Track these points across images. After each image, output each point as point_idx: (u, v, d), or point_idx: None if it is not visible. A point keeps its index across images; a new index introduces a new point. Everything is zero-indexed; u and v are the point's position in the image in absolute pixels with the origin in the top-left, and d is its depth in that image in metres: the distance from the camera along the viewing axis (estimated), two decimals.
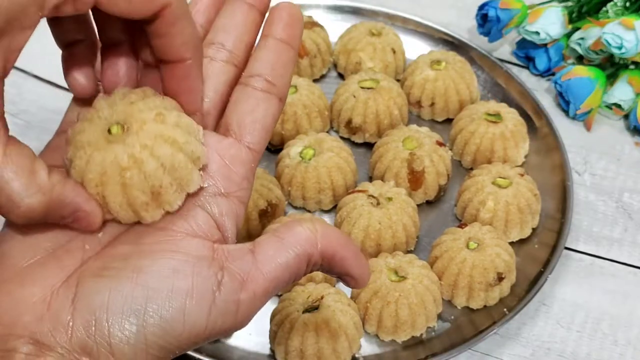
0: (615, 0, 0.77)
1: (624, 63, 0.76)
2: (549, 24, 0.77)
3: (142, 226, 0.35)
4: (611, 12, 0.76)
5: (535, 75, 0.81)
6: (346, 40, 0.77)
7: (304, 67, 0.76)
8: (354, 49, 0.76)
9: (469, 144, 0.69)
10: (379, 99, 0.70)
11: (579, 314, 0.62)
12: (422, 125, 0.71)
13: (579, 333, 0.61)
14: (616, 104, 0.75)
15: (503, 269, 0.60)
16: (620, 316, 0.62)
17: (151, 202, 0.34)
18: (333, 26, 0.80)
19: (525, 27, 0.78)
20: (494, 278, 0.59)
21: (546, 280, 0.61)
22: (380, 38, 0.76)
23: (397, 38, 0.77)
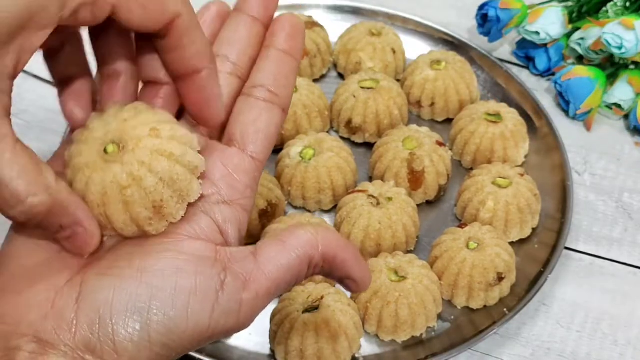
0: (615, 0, 0.77)
1: (624, 63, 0.76)
2: (549, 24, 0.77)
3: None
4: (611, 12, 0.76)
5: (535, 75, 0.81)
6: (346, 40, 0.77)
7: (304, 67, 0.76)
8: (354, 49, 0.76)
9: (469, 144, 0.69)
10: (379, 99, 0.70)
11: (579, 314, 0.62)
12: (422, 125, 0.71)
13: (579, 333, 0.61)
14: (616, 104, 0.75)
15: (503, 269, 0.60)
16: (620, 316, 0.62)
17: (154, 216, 0.34)
18: (333, 26, 0.80)
19: (525, 27, 0.78)
20: (494, 278, 0.59)
21: (546, 280, 0.61)
22: (380, 38, 0.76)
23: (397, 38, 0.77)
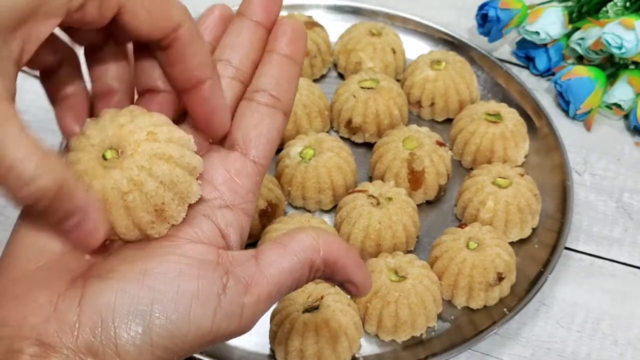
0: (615, 0, 0.77)
1: (624, 63, 0.76)
2: (549, 24, 0.77)
3: None
4: (611, 12, 0.76)
5: (535, 75, 0.81)
6: (346, 40, 0.77)
7: (304, 67, 0.76)
8: (354, 49, 0.76)
9: (469, 144, 0.69)
10: (379, 99, 0.70)
11: (579, 314, 0.62)
12: (422, 125, 0.71)
13: (579, 333, 0.61)
14: (616, 104, 0.75)
15: (503, 269, 0.60)
16: (620, 316, 0.62)
17: (156, 219, 0.35)
18: (333, 26, 0.80)
19: (525, 27, 0.78)
20: (494, 278, 0.59)
21: (546, 280, 0.61)
22: (380, 38, 0.76)
23: (397, 38, 0.77)
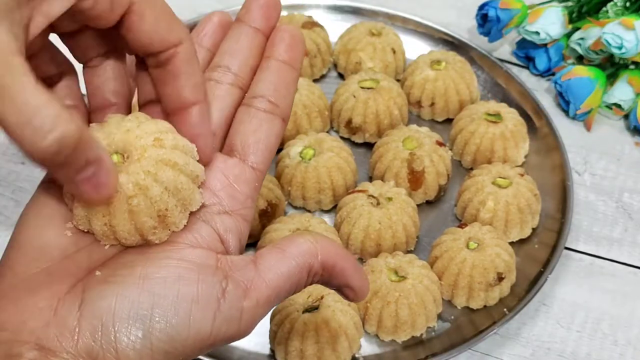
0: (615, 0, 0.77)
1: (624, 63, 0.76)
2: (549, 24, 0.77)
3: None
4: (611, 12, 0.76)
5: (535, 75, 0.80)
6: (346, 40, 0.77)
7: (304, 67, 0.76)
8: (354, 49, 0.76)
9: (469, 144, 0.69)
10: (379, 99, 0.70)
11: (579, 314, 0.62)
12: (422, 125, 0.71)
13: (579, 333, 0.61)
14: (616, 104, 0.75)
15: (503, 269, 0.60)
16: (620, 316, 0.62)
17: (158, 225, 0.35)
18: (333, 26, 0.80)
19: (525, 27, 0.78)
20: (494, 278, 0.59)
21: (546, 280, 0.61)
22: (380, 38, 0.76)
23: (397, 38, 0.77)
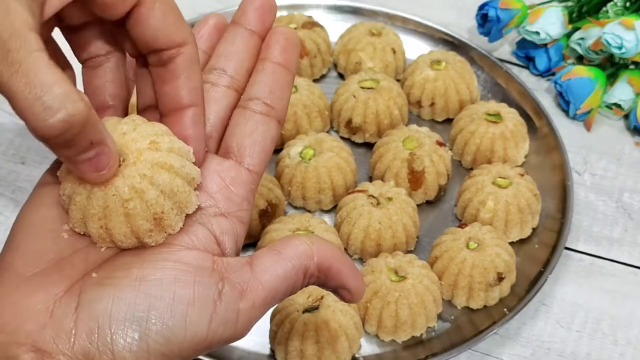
0: (615, 0, 0.77)
1: (624, 63, 0.76)
2: (549, 24, 0.77)
3: None
4: (611, 12, 0.76)
5: (535, 75, 0.80)
6: (346, 40, 0.77)
7: (304, 67, 0.76)
8: (354, 49, 0.76)
9: (469, 144, 0.69)
10: (379, 99, 0.70)
11: (579, 314, 0.62)
12: (422, 125, 0.71)
13: (579, 333, 0.61)
14: (616, 104, 0.75)
15: (503, 269, 0.60)
16: (620, 316, 0.62)
17: (154, 228, 0.35)
18: (333, 26, 0.80)
19: (525, 27, 0.78)
20: (494, 278, 0.59)
21: (546, 280, 0.61)
22: (380, 38, 0.76)
23: (397, 38, 0.77)
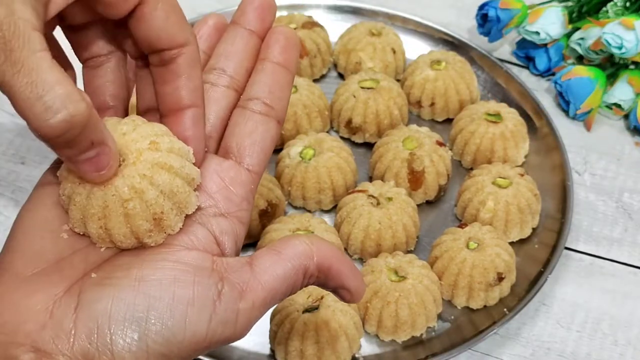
0: (615, 0, 0.77)
1: (624, 63, 0.76)
2: (549, 24, 0.77)
3: None
4: (611, 12, 0.76)
5: (535, 75, 0.80)
6: (346, 40, 0.77)
7: (304, 67, 0.76)
8: (354, 49, 0.76)
9: (469, 144, 0.69)
10: (379, 99, 0.70)
11: (579, 314, 0.62)
12: (422, 125, 0.71)
13: (579, 333, 0.61)
14: (616, 104, 0.75)
15: (503, 269, 0.60)
16: (620, 316, 0.62)
17: (154, 228, 0.35)
18: (333, 26, 0.80)
19: (525, 27, 0.78)
20: (494, 278, 0.59)
21: (546, 280, 0.61)
22: (380, 38, 0.76)
23: (397, 38, 0.77)
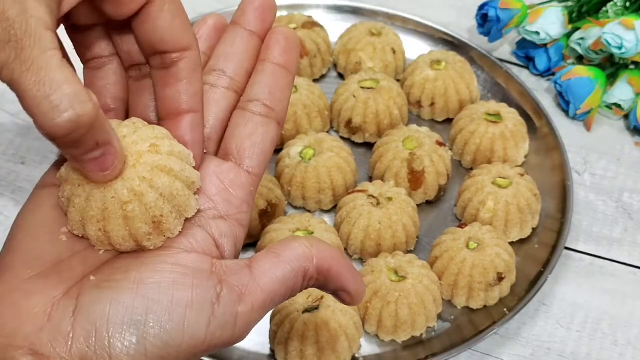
0: (615, 0, 0.77)
1: (624, 63, 0.76)
2: (549, 24, 0.77)
3: None
4: (611, 12, 0.76)
5: (535, 75, 0.80)
6: (346, 40, 0.77)
7: (304, 67, 0.76)
8: (354, 49, 0.76)
9: (469, 144, 0.69)
10: (379, 99, 0.70)
11: (579, 314, 0.62)
12: (422, 125, 0.71)
13: (579, 333, 0.61)
14: (616, 104, 0.75)
15: (503, 269, 0.60)
16: (620, 316, 0.62)
17: (153, 231, 0.35)
18: (333, 26, 0.80)
19: (525, 27, 0.78)
20: (494, 278, 0.59)
21: (546, 280, 0.61)
22: (380, 38, 0.76)
23: (397, 38, 0.77)
